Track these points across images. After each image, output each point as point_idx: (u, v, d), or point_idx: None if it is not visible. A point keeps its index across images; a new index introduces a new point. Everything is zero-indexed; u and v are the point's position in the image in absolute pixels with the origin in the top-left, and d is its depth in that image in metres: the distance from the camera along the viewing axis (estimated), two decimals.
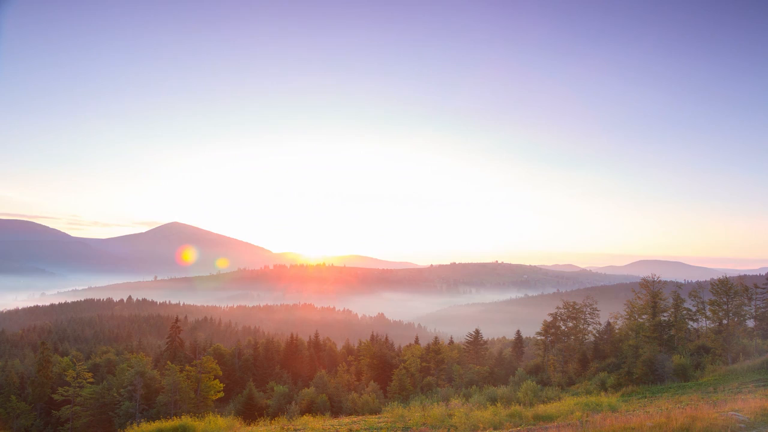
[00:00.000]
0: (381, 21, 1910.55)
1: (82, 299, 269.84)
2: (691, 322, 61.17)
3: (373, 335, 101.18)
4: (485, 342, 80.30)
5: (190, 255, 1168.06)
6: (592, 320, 67.92)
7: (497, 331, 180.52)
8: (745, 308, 56.77)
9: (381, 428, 25.31)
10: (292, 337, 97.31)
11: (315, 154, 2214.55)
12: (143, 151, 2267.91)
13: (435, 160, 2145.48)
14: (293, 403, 56.71)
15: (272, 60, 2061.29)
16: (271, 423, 30.91)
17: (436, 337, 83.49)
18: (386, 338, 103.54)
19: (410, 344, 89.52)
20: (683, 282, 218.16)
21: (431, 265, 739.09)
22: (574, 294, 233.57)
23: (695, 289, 62.81)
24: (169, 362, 64.13)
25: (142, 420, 38.18)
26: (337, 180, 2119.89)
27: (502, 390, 40.33)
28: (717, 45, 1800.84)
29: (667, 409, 23.68)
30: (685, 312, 59.34)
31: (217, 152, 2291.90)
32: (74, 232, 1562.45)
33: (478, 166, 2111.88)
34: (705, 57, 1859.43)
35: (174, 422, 26.97)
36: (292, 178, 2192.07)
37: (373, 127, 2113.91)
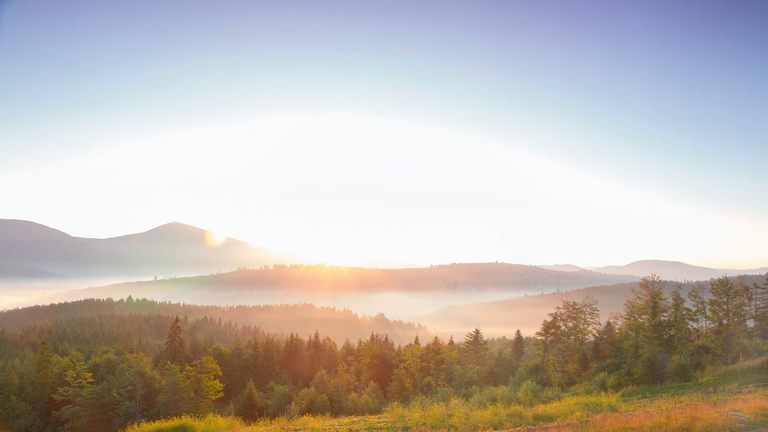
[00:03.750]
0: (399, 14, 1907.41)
1: (82, 299, 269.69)
2: (691, 322, 61.15)
3: (373, 335, 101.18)
4: (485, 342, 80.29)
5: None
6: (592, 320, 67.90)
7: (497, 331, 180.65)
8: (745, 308, 56.76)
9: (381, 428, 25.32)
10: (292, 337, 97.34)
11: (315, 153, 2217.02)
12: (143, 151, 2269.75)
13: (435, 160, 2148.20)
14: (293, 403, 56.78)
15: (274, 58, 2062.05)
16: (271, 423, 30.94)
17: (436, 337, 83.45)
18: (386, 338, 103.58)
19: (410, 344, 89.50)
20: (683, 282, 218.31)
21: (431, 265, 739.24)
22: (574, 294, 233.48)
23: (695, 289, 62.74)
24: (169, 362, 64.14)
25: (142, 420, 38.17)
26: (337, 180, 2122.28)
27: (502, 390, 40.34)
28: (719, 42, 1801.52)
29: (667, 409, 23.69)
30: (685, 312, 59.29)
31: (217, 153, 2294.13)
32: (74, 232, 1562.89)
33: (478, 166, 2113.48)
34: (706, 55, 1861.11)
35: (174, 422, 27.00)
36: (293, 178, 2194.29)
37: (373, 126, 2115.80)
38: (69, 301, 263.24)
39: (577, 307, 67.65)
